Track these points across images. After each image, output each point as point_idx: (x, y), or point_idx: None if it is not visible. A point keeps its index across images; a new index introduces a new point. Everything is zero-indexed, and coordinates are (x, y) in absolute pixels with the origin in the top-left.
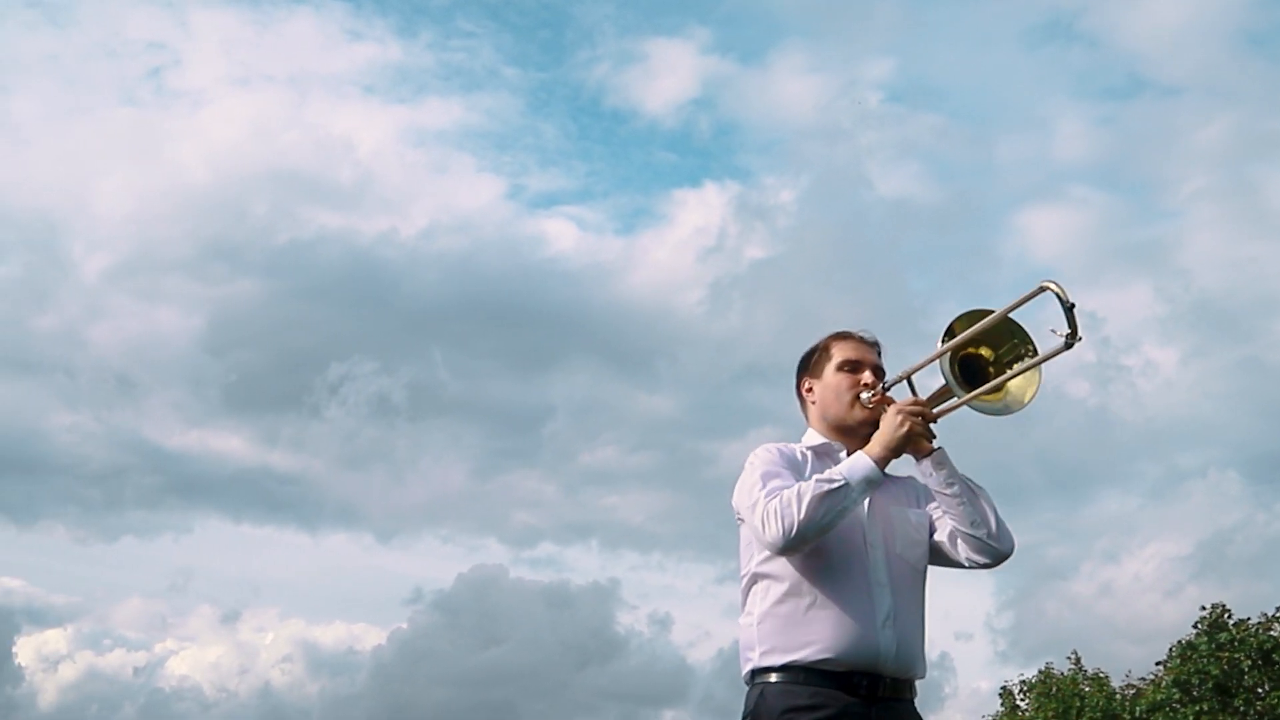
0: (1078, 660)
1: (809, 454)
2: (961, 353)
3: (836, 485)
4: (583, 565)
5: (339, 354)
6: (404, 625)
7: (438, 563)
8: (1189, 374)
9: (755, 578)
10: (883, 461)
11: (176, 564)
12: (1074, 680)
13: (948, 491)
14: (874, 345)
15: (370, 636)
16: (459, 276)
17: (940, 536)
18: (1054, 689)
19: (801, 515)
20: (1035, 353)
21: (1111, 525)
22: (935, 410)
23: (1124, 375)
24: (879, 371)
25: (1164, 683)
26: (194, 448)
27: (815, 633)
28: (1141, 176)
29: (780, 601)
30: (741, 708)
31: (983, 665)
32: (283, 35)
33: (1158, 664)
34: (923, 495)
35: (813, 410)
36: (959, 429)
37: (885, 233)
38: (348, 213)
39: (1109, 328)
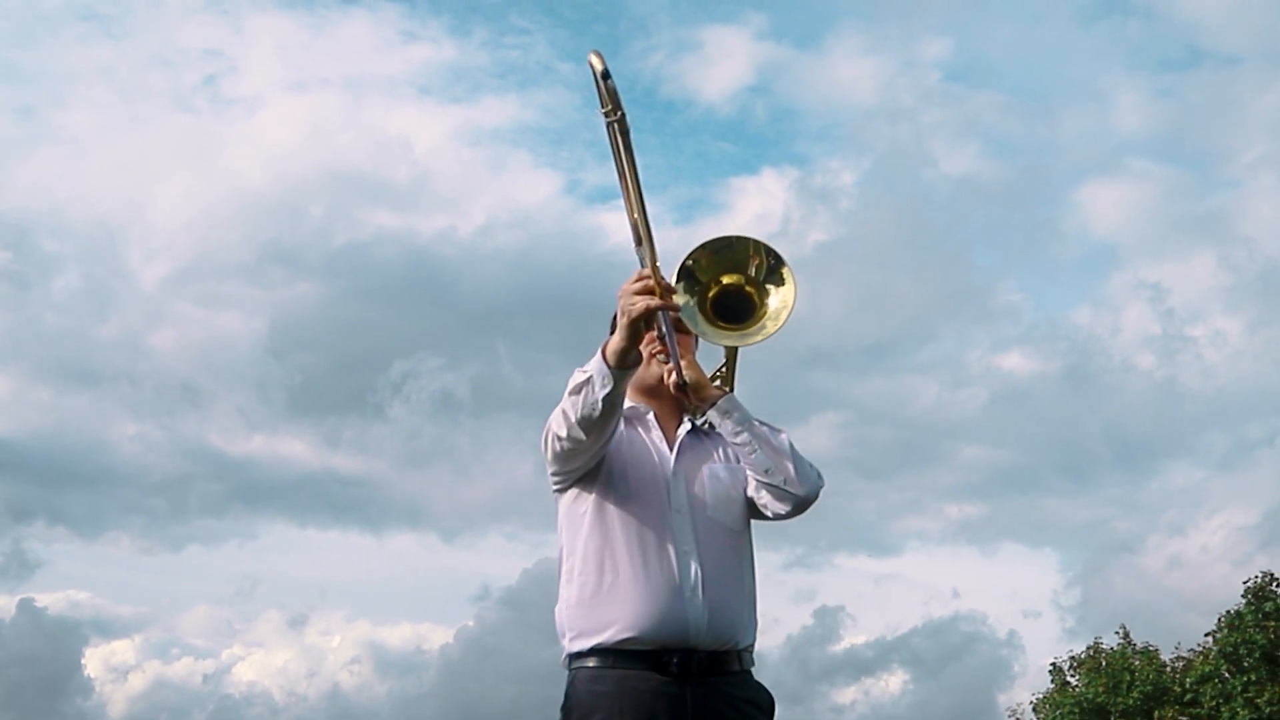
0: (1126, 635)
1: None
2: (711, 295)
3: (585, 376)
4: None
5: (401, 352)
6: (470, 623)
7: (503, 560)
8: (1256, 342)
9: (564, 559)
10: (614, 355)
11: (242, 570)
12: (1123, 654)
13: (737, 440)
14: None
15: (437, 635)
16: (518, 272)
17: (749, 490)
18: (1103, 663)
19: (570, 416)
20: (779, 258)
21: (1177, 497)
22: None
23: (1190, 346)
24: (683, 325)
25: (1212, 654)
26: (257, 453)
27: (617, 611)
28: (1201, 147)
29: (584, 581)
30: (807, 695)
31: (1052, 642)
32: (337, 38)
33: (1206, 635)
34: None
35: None
36: (1023, 401)
37: (949, 211)
38: (405, 212)
39: (1174, 299)
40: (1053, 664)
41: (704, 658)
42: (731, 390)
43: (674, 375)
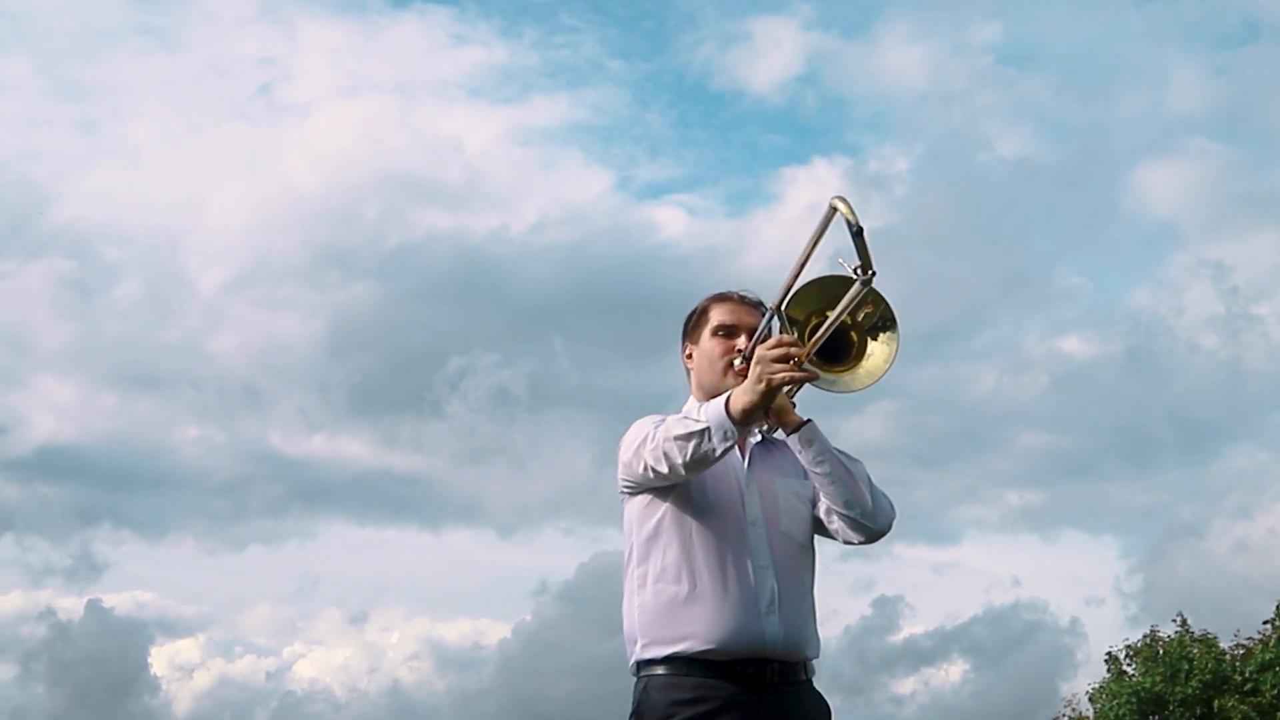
0: (1184, 622)
1: None
2: (811, 327)
3: (699, 426)
4: None
5: (458, 350)
6: (528, 617)
7: (560, 555)
8: None
9: (635, 563)
10: (743, 413)
11: (303, 569)
12: (1181, 643)
13: (818, 470)
14: (756, 307)
15: (495, 631)
16: (570, 268)
17: (819, 511)
18: (1160, 652)
19: (663, 455)
20: (890, 312)
21: (1241, 480)
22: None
23: (1255, 325)
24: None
25: (1271, 641)
26: (316, 454)
27: (696, 623)
28: (1259, 124)
29: (659, 590)
30: (866, 686)
31: (1115, 630)
32: (389, 43)
33: (1265, 623)
34: None
35: (692, 378)
36: (1083, 385)
37: (1005, 194)
38: (457, 212)
39: (1236, 277)
40: (1108, 653)
41: (776, 669)
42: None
43: None
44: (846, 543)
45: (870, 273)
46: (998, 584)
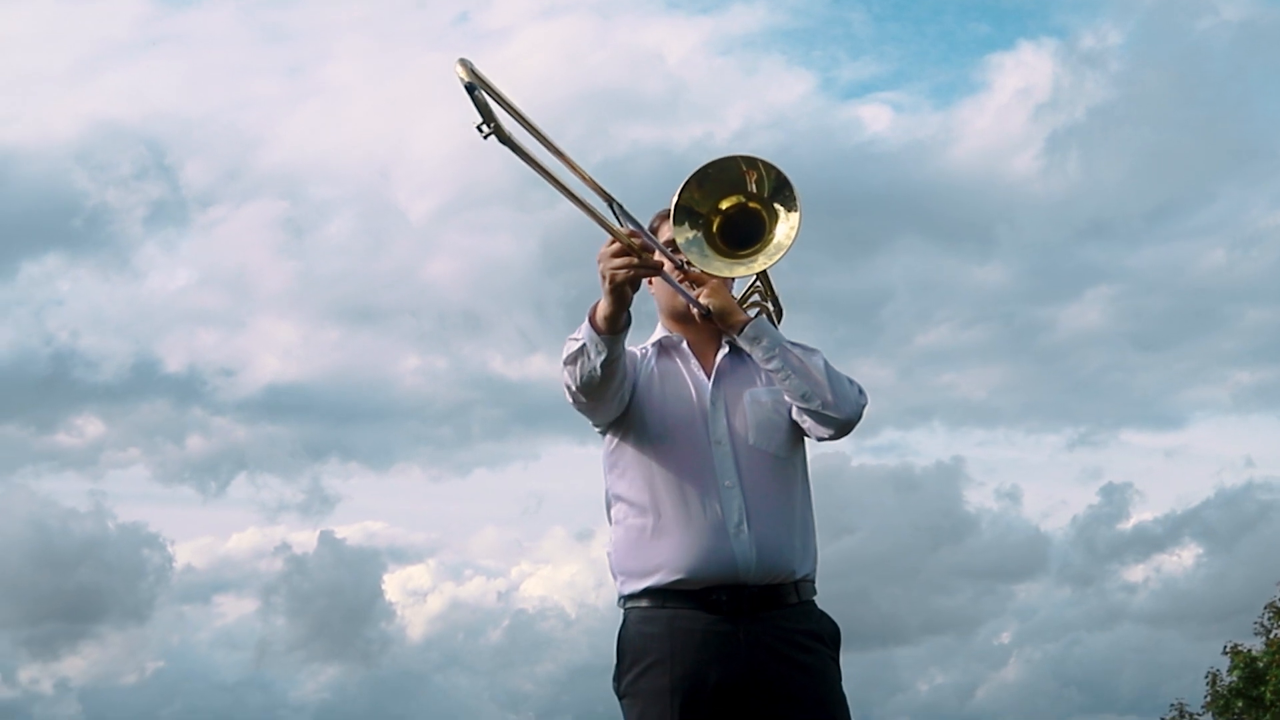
0: None
1: (650, 350)
2: (716, 225)
3: (577, 345)
4: (926, 447)
5: None
6: None
7: None
8: None
9: (609, 500)
10: (604, 321)
11: (527, 490)
12: None
13: (769, 366)
14: None
15: None
16: None
17: (794, 414)
18: None
19: (570, 384)
20: (779, 174)
21: None
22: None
23: None
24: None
25: None
26: (535, 375)
27: (664, 554)
28: None
29: (629, 524)
30: (1097, 575)
31: None
32: None
33: None
34: None
35: (654, 301)
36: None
37: (1229, 61)
38: (661, 124)
39: None
40: None
41: (755, 593)
42: (779, 307)
43: (695, 308)
44: (820, 439)
45: (491, 126)
46: (1230, 466)
